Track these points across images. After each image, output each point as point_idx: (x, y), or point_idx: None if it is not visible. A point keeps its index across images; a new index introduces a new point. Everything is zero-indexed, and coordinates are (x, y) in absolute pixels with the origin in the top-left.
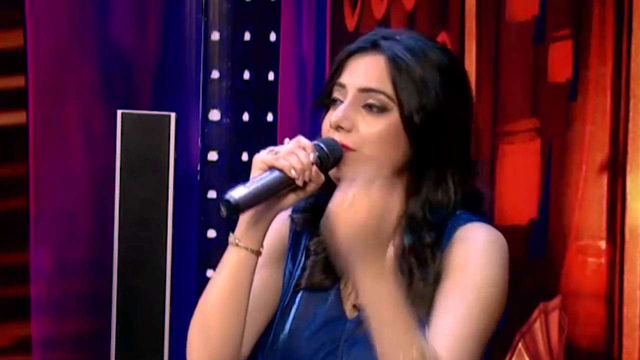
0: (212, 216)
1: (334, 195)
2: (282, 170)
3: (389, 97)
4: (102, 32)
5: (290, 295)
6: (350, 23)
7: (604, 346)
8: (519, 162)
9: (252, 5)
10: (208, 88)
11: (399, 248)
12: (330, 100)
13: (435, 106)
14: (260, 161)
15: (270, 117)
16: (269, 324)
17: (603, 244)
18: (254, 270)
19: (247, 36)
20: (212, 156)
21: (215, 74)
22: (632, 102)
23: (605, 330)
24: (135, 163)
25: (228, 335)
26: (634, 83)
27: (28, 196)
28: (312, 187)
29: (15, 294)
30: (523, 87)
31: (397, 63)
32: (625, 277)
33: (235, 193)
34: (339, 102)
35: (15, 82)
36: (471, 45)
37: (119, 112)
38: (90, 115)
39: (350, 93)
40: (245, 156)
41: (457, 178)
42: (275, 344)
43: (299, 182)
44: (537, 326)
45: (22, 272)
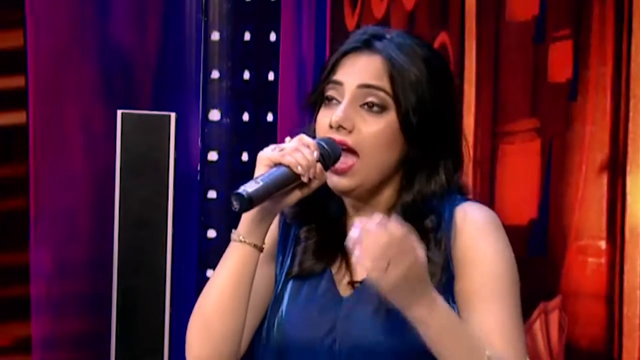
0: (212, 216)
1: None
2: (289, 167)
3: (389, 95)
4: (102, 32)
5: (282, 284)
6: (350, 23)
7: (604, 346)
8: (519, 162)
9: (252, 5)
10: (208, 88)
11: None
12: (323, 98)
13: (430, 104)
14: (266, 158)
15: (270, 117)
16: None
17: (603, 244)
18: (256, 266)
19: (247, 36)
20: (212, 156)
21: (215, 74)
22: (632, 102)
23: (605, 330)
24: (135, 163)
25: (229, 332)
26: (634, 83)
27: (28, 196)
28: (316, 183)
29: (15, 294)
30: (523, 87)
31: (393, 63)
32: (625, 277)
33: (248, 187)
34: (335, 100)
35: (15, 82)
36: (471, 45)
37: (119, 112)
38: (90, 115)
39: (348, 90)
40: (245, 156)
41: (449, 168)
42: (270, 332)
43: (305, 178)
44: (537, 326)
45: (22, 272)
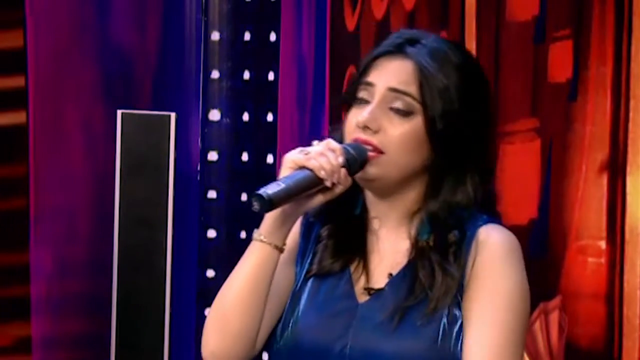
0: (212, 216)
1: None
2: (312, 171)
3: (416, 101)
4: (102, 32)
5: (300, 283)
6: (350, 23)
7: (604, 346)
8: (519, 162)
9: (252, 5)
10: (208, 88)
11: (417, 243)
12: (355, 99)
13: (458, 113)
14: (291, 160)
15: (270, 117)
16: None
17: (603, 244)
18: (276, 266)
19: (247, 36)
20: (212, 156)
21: (215, 74)
22: (632, 102)
23: (605, 330)
24: (135, 163)
25: (245, 329)
26: (634, 83)
27: (28, 196)
28: (339, 189)
29: (15, 294)
30: (523, 87)
31: (424, 71)
32: (625, 277)
33: (269, 189)
34: (365, 101)
35: (15, 82)
36: (471, 45)
37: (119, 112)
38: (90, 115)
39: (378, 92)
40: (245, 156)
41: (476, 179)
42: (285, 330)
43: (328, 183)
44: (537, 326)
45: (22, 272)
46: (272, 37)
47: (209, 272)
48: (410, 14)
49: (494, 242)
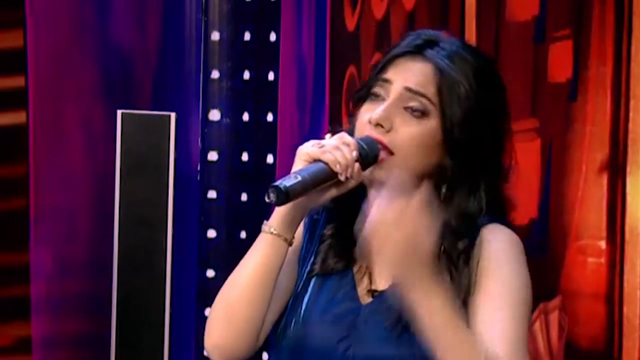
0: (212, 216)
1: (373, 207)
2: (327, 164)
3: (432, 104)
4: (102, 32)
5: (303, 282)
6: (350, 23)
7: (604, 346)
8: (519, 162)
9: (252, 5)
10: (208, 88)
11: None
12: (369, 94)
13: (475, 119)
14: (305, 153)
15: (270, 117)
16: (282, 313)
17: (603, 244)
18: (284, 259)
19: (247, 36)
20: (212, 156)
21: (215, 74)
22: (632, 102)
23: (605, 330)
24: (135, 163)
25: (250, 322)
26: (634, 83)
27: (28, 196)
28: (352, 183)
29: (15, 294)
30: (523, 87)
31: (443, 74)
32: (625, 277)
33: (286, 181)
34: (380, 98)
35: (15, 82)
36: None
37: (119, 112)
38: (90, 115)
39: (394, 90)
40: (245, 156)
41: (489, 186)
42: (287, 330)
43: (342, 177)
44: (537, 326)
45: (22, 272)
46: (272, 37)
47: (209, 272)
48: (410, 14)
49: (497, 240)
